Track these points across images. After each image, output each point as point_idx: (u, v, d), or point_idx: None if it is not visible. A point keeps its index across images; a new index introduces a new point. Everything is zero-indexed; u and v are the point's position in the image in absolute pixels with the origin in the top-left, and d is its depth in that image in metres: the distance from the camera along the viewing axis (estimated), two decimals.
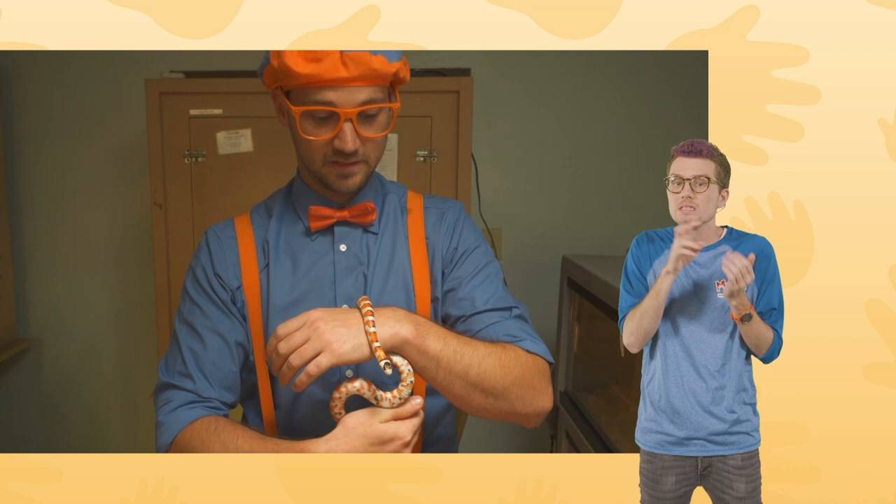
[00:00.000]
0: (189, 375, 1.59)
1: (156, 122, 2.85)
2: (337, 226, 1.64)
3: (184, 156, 2.88)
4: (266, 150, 2.88)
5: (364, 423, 1.43)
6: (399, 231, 1.68)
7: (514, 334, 1.58)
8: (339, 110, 1.47)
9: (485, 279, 1.66)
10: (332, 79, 1.45)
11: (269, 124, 2.86)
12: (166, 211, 2.91)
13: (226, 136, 2.88)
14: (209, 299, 1.63)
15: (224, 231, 1.69)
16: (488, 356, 1.48)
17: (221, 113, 2.88)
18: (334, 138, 1.50)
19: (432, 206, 1.73)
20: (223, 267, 1.64)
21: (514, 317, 1.64)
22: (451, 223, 1.70)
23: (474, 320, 1.62)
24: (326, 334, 1.36)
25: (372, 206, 1.63)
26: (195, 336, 1.61)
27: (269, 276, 1.63)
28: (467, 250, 1.68)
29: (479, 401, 1.50)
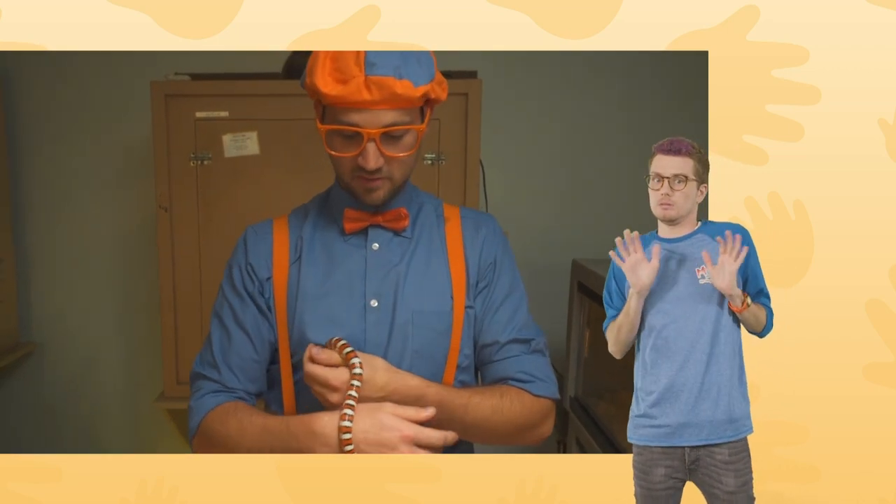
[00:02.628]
0: (216, 366, 1.65)
1: (161, 125, 2.85)
2: (371, 228, 1.67)
3: (189, 158, 2.87)
4: (272, 152, 2.88)
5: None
6: (435, 238, 1.70)
7: (527, 372, 1.66)
8: (363, 131, 1.48)
9: (511, 307, 1.70)
10: (355, 101, 1.46)
11: (276, 127, 2.86)
12: (171, 214, 2.91)
13: (232, 139, 2.87)
14: (238, 296, 1.67)
15: (262, 228, 1.73)
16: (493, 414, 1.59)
17: (227, 115, 2.87)
18: (358, 156, 1.52)
19: (468, 217, 1.75)
20: (256, 258, 1.68)
21: (532, 351, 1.69)
22: (486, 236, 1.72)
23: (495, 350, 1.68)
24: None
25: (405, 213, 1.65)
26: (223, 330, 1.67)
27: (300, 269, 1.66)
28: (498, 272, 1.71)
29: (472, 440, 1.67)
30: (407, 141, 1.54)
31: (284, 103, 2.83)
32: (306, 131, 2.84)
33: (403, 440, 1.44)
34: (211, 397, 1.62)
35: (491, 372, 1.68)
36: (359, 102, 1.46)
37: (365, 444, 1.44)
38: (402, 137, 1.53)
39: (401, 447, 1.44)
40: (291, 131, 2.84)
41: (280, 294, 1.65)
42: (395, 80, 1.44)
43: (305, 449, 1.46)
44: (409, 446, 1.44)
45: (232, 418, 1.57)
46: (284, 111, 2.83)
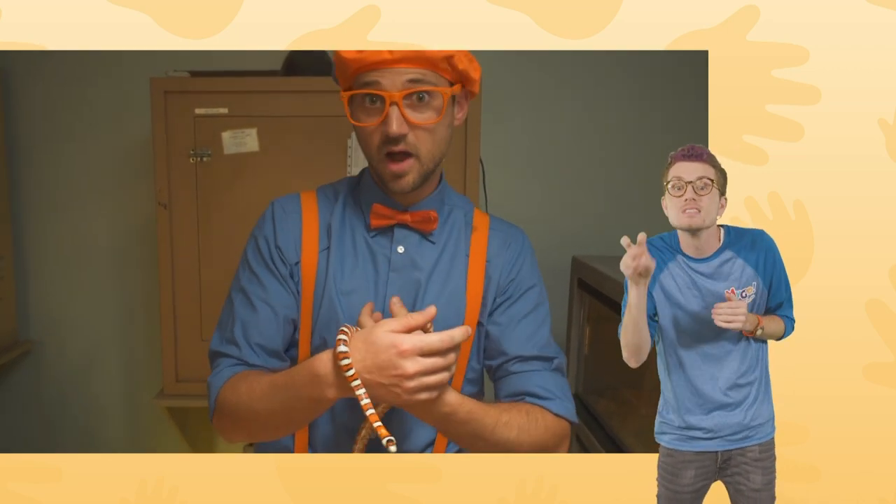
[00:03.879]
0: (235, 343, 1.61)
1: (160, 122, 2.85)
2: (397, 227, 1.64)
3: (189, 155, 2.87)
4: (272, 149, 2.88)
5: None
6: (460, 247, 1.68)
7: (548, 389, 1.62)
8: (384, 93, 1.47)
9: (534, 323, 1.68)
10: (375, 61, 1.46)
11: (275, 124, 2.86)
12: (171, 211, 2.91)
13: (231, 136, 2.87)
14: (268, 270, 1.63)
15: (289, 204, 1.69)
16: (519, 434, 1.54)
17: (227, 112, 2.87)
18: (382, 125, 1.50)
19: (498, 229, 1.73)
20: (285, 240, 1.64)
21: (553, 369, 1.66)
22: (515, 253, 1.70)
23: (515, 364, 1.65)
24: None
25: (434, 216, 1.63)
26: (248, 305, 1.62)
27: (328, 259, 1.63)
28: (524, 288, 1.69)
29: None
30: (433, 105, 1.52)
31: (284, 100, 2.83)
32: (306, 128, 2.84)
33: (403, 355, 1.32)
34: (228, 370, 1.59)
35: (508, 384, 1.65)
36: (378, 62, 1.46)
37: (365, 371, 1.33)
38: (428, 102, 1.51)
39: (403, 365, 1.32)
40: (291, 128, 2.85)
41: (308, 282, 1.63)
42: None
43: (314, 396, 1.40)
44: (412, 360, 1.33)
45: (242, 383, 1.53)
46: (284, 108, 2.84)
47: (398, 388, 1.34)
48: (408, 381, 1.33)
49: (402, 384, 1.33)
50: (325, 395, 1.39)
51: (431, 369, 1.35)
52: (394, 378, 1.33)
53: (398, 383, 1.33)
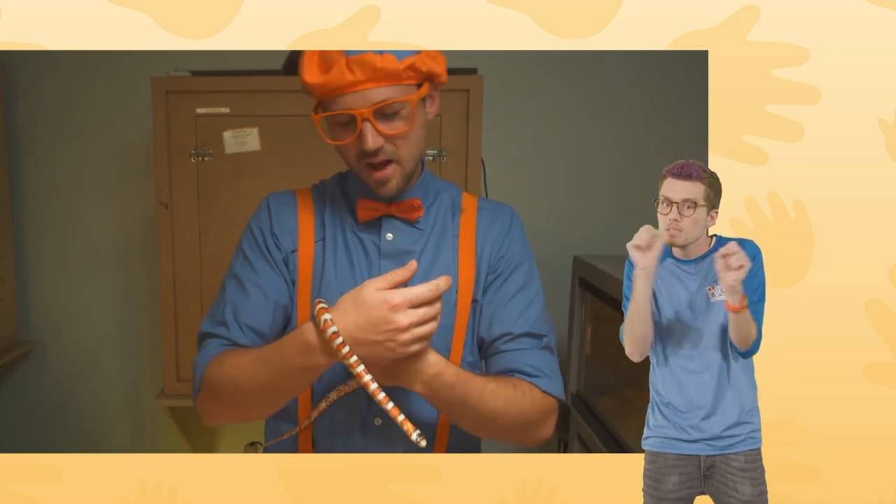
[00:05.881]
0: (225, 324, 1.59)
1: (162, 121, 2.84)
2: (384, 218, 1.65)
3: (190, 155, 2.87)
4: (273, 149, 2.88)
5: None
6: (448, 229, 1.68)
7: (536, 367, 1.60)
8: (354, 111, 1.47)
9: (524, 300, 1.67)
10: (339, 85, 1.45)
11: (277, 123, 2.86)
12: (172, 211, 2.91)
13: (232, 135, 2.87)
14: (262, 256, 1.64)
15: (284, 198, 1.71)
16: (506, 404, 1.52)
17: (228, 112, 2.86)
18: (357, 140, 1.51)
19: (486, 208, 1.73)
20: (280, 228, 1.65)
21: (543, 347, 1.65)
22: (504, 229, 1.70)
23: (505, 341, 1.63)
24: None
25: (418, 204, 1.64)
26: (240, 289, 1.62)
27: (324, 249, 1.64)
28: (513, 265, 1.69)
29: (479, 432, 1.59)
30: (403, 115, 1.52)
31: (285, 99, 2.83)
32: (307, 127, 2.81)
33: (394, 309, 1.33)
34: (215, 350, 1.57)
35: (498, 362, 1.64)
36: (343, 86, 1.45)
37: (358, 331, 1.34)
38: (398, 112, 1.51)
39: (396, 318, 1.33)
40: (292, 127, 2.84)
41: (305, 271, 1.63)
42: (375, 55, 1.43)
43: (307, 365, 1.39)
44: (404, 313, 1.33)
45: (229, 358, 1.52)
46: (285, 107, 2.83)
47: (393, 343, 1.34)
48: (402, 334, 1.34)
49: (396, 338, 1.34)
50: (318, 361, 1.38)
51: (423, 319, 1.36)
52: (388, 333, 1.34)
53: (392, 337, 1.34)
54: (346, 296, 1.38)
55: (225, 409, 1.58)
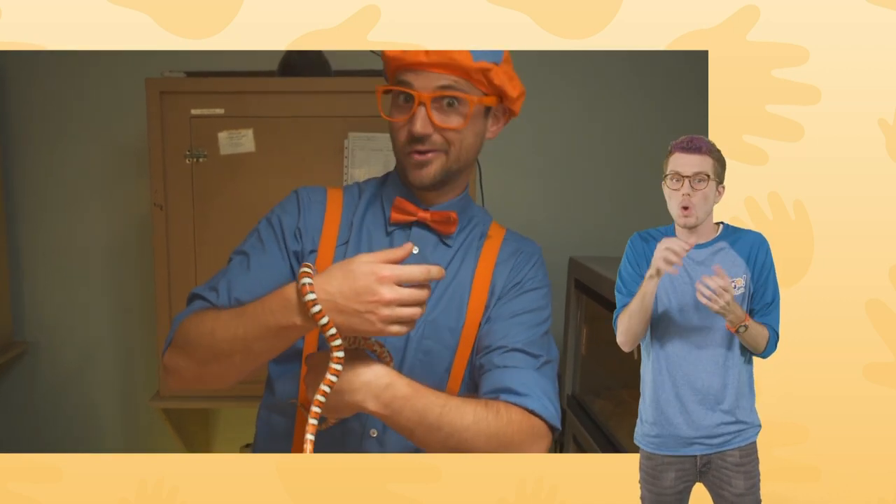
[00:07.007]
0: (216, 290, 1.58)
1: (156, 122, 2.84)
2: (416, 226, 1.65)
3: (185, 156, 2.86)
4: (268, 150, 2.87)
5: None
6: (471, 253, 1.68)
7: (526, 385, 1.52)
8: (414, 92, 1.51)
9: (530, 322, 1.62)
10: (411, 62, 1.50)
11: (272, 124, 2.86)
12: (167, 212, 2.90)
13: (227, 137, 2.87)
14: (276, 242, 1.63)
15: (315, 194, 1.70)
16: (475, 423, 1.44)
17: (223, 113, 2.86)
18: (409, 121, 1.53)
19: (511, 240, 1.73)
20: (306, 225, 1.65)
21: (538, 368, 1.58)
22: (524, 260, 1.69)
23: (499, 354, 1.57)
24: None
25: (454, 217, 1.63)
26: (244, 265, 1.61)
27: (345, 254, 1.62)
28: (527, 288, 1.66)
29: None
30: (460, 111, 1.54)
31: (280, 101, 2.83)
32: (302, 129, 2.83)
33: (381, 281, 1.30)
34: (197, 308, 1.56)
35: (487, 379, 1.57)
36: (414, 63, 1.50)
37: (341, 297, 1.31)
38: (455, 107, 1.54)
39: (380, 290, 1.30)
40: (287, 129, 2.84)
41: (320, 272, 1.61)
42: (454, 49, 1.48)
43: (282, 323, 1.35)
44: (389, 287, 1.30)
45: (211, 311, 1.50)
46: (280, 108, 2.83)
47: (373, 315, 1.31)
48: (383, 309, 1.31)
49: (377, 311, 1.31)
50: (293, 321, 1.34)
51: (407, 300, 1.32)
52: (370, 304, 1.31)
53: (373, 310, 1.31)
54: (338, 264, 1.36)
55: (192, 363, 1.51)
